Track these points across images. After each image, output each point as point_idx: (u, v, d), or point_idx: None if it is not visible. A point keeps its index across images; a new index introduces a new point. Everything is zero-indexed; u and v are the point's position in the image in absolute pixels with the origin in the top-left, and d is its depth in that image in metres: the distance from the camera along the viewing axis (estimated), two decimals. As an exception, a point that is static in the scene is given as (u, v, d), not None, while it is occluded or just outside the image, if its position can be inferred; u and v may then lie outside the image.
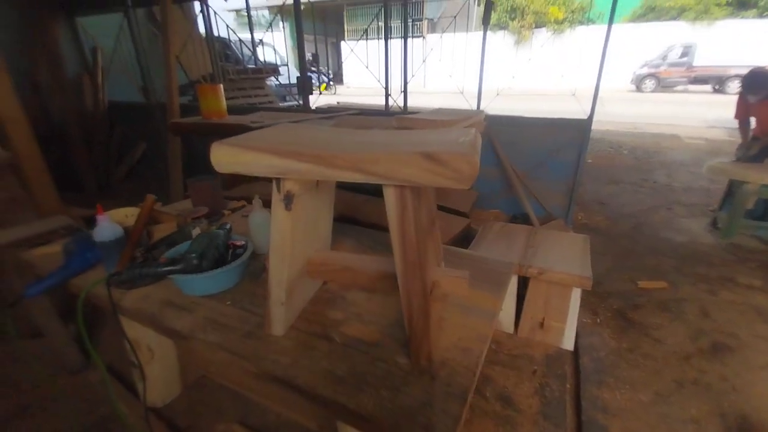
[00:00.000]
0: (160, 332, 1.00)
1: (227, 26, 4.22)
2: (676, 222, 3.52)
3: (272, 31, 4.77)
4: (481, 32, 3.06)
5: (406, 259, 0.74)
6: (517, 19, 14.73)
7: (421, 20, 14.06)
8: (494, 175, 3.14)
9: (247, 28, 4.68)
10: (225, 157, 0.73)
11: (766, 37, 11.97)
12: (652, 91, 13.13)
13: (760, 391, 1.67)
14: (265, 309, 0.88)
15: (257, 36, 4.68)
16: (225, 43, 5.85)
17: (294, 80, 6.02)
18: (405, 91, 3.07)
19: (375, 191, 2.61)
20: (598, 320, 2.21)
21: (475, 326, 0.93)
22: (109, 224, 1.12)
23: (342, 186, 2.62)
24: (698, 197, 4.01)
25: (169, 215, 1.43)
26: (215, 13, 3.72)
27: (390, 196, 0.70)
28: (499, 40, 14.43)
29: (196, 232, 1.35)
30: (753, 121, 3.41)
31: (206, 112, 2.37)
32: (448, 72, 3.85)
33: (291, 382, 0.78)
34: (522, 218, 3.05)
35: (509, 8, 15.11)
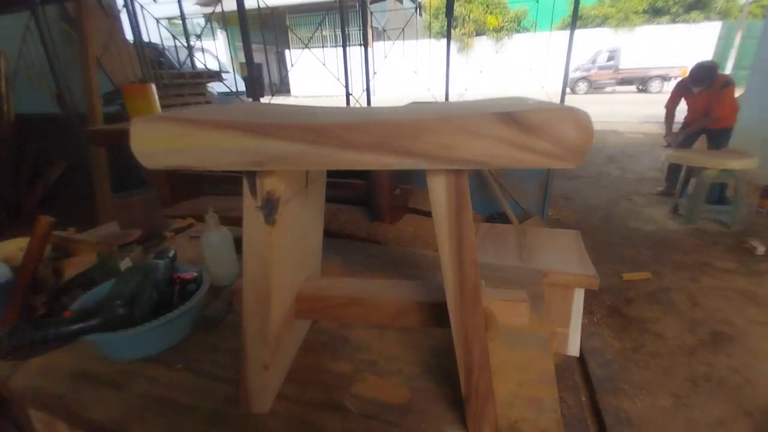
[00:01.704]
0: (72, 425, 0.66)
1: (159, 26, 3.75)
2: (639, 211, 3.58)
3: (214, 39, 4.37)
4: (426, 40, 2.96)
5: (463, 285, 0.48)
6: (458, 27, 15.20)
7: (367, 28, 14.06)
8: (469, 175, 3.00)
9: (182, 37, 4.24)
10: (159, 140, 0.44)
11: (679, 40, 13.29)
12: (585, 93, 14.06)
13: (776, 380, 1.59)
14: (241, 374, 0.58)
15: (194, 44, 4.25)
16: (158, 49, 5.30)
17: (237, 89, 5.59)
18: (368, 91, 2.84)
19: (346, 199, 2.33)
20: (595, 319, 2.08)
21: (530, 362, 0.69)
22: (-15, 264, 0.75)
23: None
24: (652, 186, 4.16)
25: (86, 243, 1.06)
26: (141, 7, 3.26)
27: (439, 188, 0.45)
28: (443, 46, 14.79)
29: (125, 264, 1.00)
30: (685, 109, 3.66)
31: (135, 116, 1.97)
32: (402, 79, 3.72)
33: (292, 496, 0.49)
34: (499, 217, 2.92)
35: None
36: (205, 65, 4.51)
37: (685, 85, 3.53)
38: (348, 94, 2.90)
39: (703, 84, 3.36)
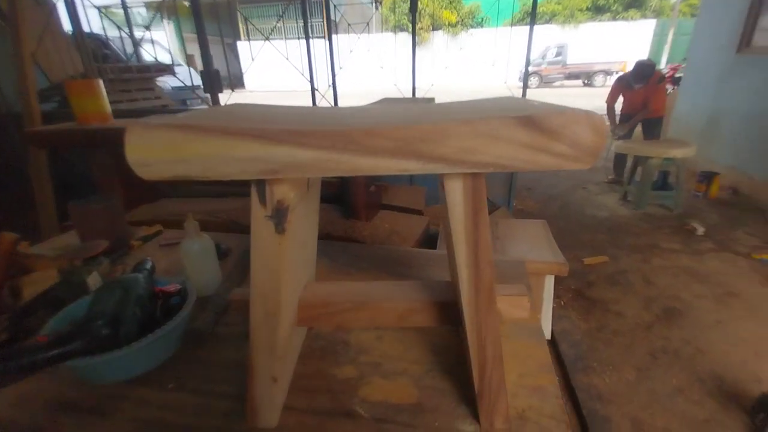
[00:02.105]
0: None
1: (101, 15, 3.46)
2: (594, 199, 3.81)
3: (165, 30, 4.09)
4: (387, 34, 2.96)
5: (479, 285, 0.49)
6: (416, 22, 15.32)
7: (323, 21, 13.81)
8: (435, 169, 3.06)
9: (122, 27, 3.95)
10: (160, 149, 0.40)
11: (618, 37, 14.21)
12: (537, 87, 14.70)
13: (722, 348, 1.77)
14: (247, 388, 0.56)
15: (138, 36, 3.96)
16: (101, 41, 4.88)
17: (193, 82, 5.29)
18: (334, 85, 2.79)
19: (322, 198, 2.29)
20: (562, 303, 2.20)
21: (528, 353, 0.72)
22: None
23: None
24: (602, 175, 4.43)
25: (44, 258, 0.97)
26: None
27: (456, 191, 0.45)
28: (401, 40, 14.84)
29: (93, 279, 0.93)
30: (621, 101, 3.95)
31: (82, 116, 1.80)
32: (366, 73, 3.69)
33: None
34: (468, 210, 3.01)
35: (407, 10, 15.67)
36: (155, 58, 4.22)
37: (626, 80, 3.80)
38: (313, 90, 2.84)
39: (644, 80, 3.64)
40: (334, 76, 2.78)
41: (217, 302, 0.85)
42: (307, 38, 2.79)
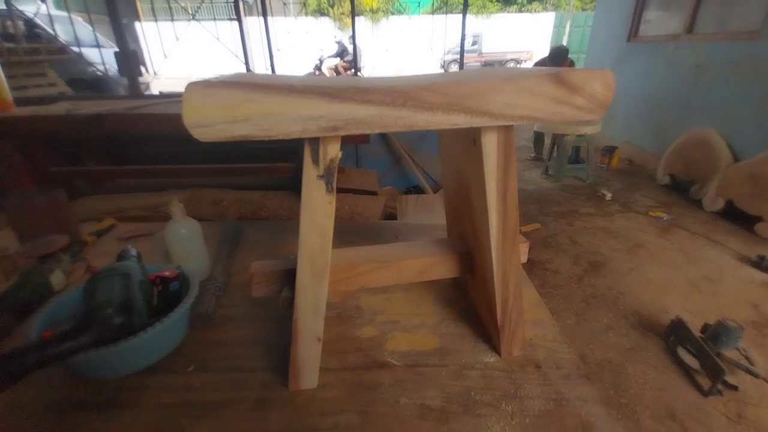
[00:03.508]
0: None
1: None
2: (521, 175, 4.19)
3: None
4: (303, 17, 2.93)
5: (506, 227, 0.56)
6: (336, 6, 15.04)
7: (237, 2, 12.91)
8: (381, 152, 3.10)
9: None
10: (220, 109, 0.40)
11: (524, 28, 15.43)
12: (457, 74, 15.44)
13: (637, 290, 2.11)
14: (291, 351, 0.57)
15: (28, 10, 3.37)
16: (25, 18, 4.04)
17: (105, 66, 4.61)
18: (272, 66, 2.68)
19: (273, 184, 2.21)
20: (508, 268, 2.42)
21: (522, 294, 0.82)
22: None
23: (228, 185, 2.13)
24: (526, 153, 4.88)
25: (-10, 261, 0.84)
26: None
27: (492, 143, 0.51)
28: (324, 26, 14.51)
29: (57, 278, 0.84)
30: None
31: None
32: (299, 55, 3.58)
33: (379, 447, 0.52)
34: (414, 189, 3.12)
35: (328, -5, 15.31)
36: (55, 34, 3.62)
37: (544, 64, 4.21)
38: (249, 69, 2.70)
39: (559, 64, 4.06)
40: (272, 58, 2.67)
41: (216, 285, 0.82)
42: (238, 11, 2.63)
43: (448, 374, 0.63)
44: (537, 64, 4.34)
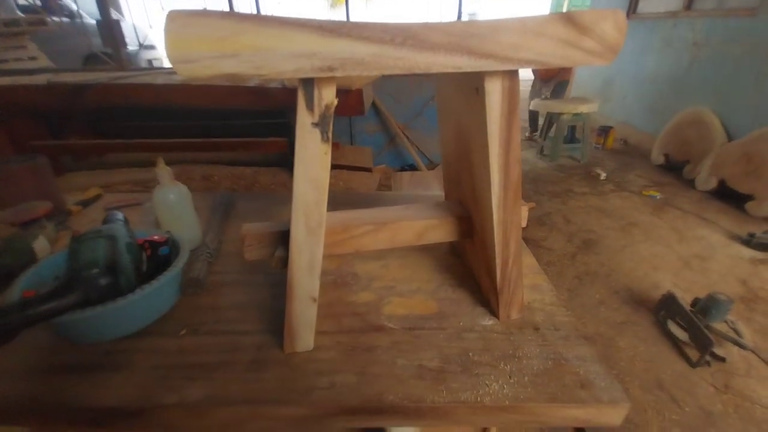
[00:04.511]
0: (69, 424, 0.54)
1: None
2: (516, 155, 4.16)
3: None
4: None
5: (507, 182, 0.54)
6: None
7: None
8: (376, 129, 3.05)
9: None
10: (207, 42, 0.37)
11: (519, 3, 15.11)
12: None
13: (629, 266, 2.13)
14: (286, 311, 0.56)
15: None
16: None
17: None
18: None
19: (265, 160, 2.17)
20: (502, 245, 2.43)
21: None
22: None
23: (219, 161, 2.09)
24: (521, 133, 4.84)
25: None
26: None
27: (495, 91, 0.48)
28: (316, 2, 14.10)
29: (40, 244, 0.81)
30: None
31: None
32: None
33: (381, 403, 0.51)
34: (409, 168, 3.09)
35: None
36: (34, 3, 3.47)
37: None
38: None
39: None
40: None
41: (207, 252, 0.80)
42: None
43: (446, 337, 0.62)
44: None
